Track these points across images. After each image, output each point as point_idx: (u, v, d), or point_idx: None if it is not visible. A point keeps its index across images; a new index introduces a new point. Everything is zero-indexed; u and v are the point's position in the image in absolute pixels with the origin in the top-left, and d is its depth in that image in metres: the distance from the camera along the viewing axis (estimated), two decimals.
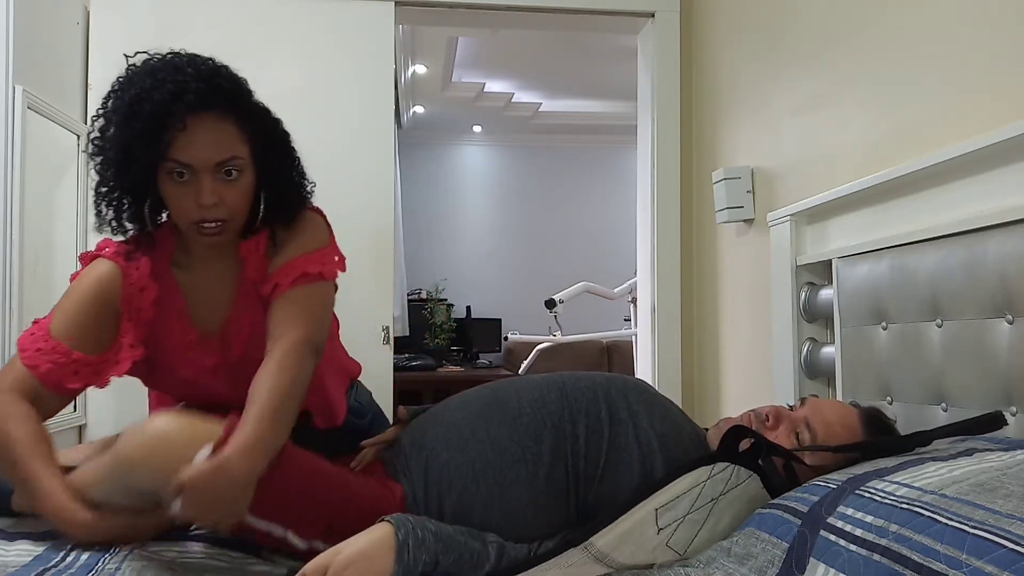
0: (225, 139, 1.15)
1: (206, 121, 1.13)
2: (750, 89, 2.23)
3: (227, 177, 1.16)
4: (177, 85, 1.11)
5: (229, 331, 1.26)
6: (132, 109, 1.11)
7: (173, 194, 1.16)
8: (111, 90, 1.18)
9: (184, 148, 1.12)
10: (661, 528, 1.02)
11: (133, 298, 1.22)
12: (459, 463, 1.14)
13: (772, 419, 1.19)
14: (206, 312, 1.26)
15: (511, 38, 4.23)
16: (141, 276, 1.22)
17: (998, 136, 1.19)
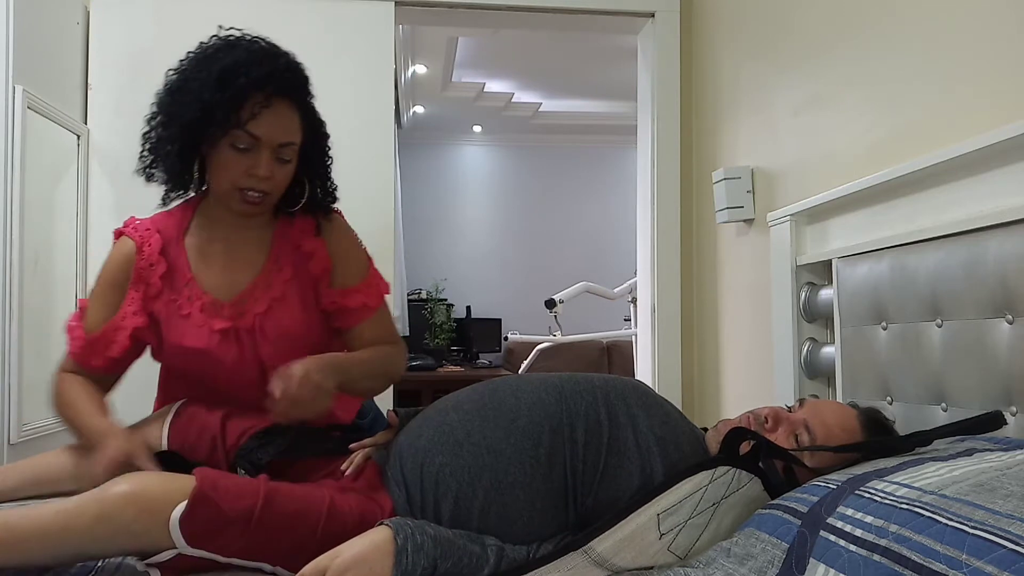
0: (291, 125, 1.29)
1: (282, 106, 1.27)
2: (750, 89, 2.23)
3: (282, 158, 1.29)
4: (272, 67, 1.26)
5: (246, 299, 1.34)
6: (225, 76, 1.23)
7: (227, 159, 1.26)
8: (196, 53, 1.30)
9: (260, 123, 1.24)
10: (663, 534, 1.02)
11: (144, 272, 1.34)
12: (454, 467, 1.13)
13: (771, 421, 1.19)
14: (220, 280, 1.35)
15: (511, 38, 4.23)
16: (152, 252, 1.34)
17: (998, 136, 1.19)
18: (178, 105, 1.26)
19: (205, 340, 1.31)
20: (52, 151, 2.24)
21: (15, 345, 1.96)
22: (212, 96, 1.22)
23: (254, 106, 1.23)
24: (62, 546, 1.00)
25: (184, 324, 1.31)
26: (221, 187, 1.29)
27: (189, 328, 1.31)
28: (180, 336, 1.31)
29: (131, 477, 1.02)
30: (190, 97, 1.24)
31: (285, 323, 1.33)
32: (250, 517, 1.02)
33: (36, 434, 2.08)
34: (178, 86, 1.28)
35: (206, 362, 1.32)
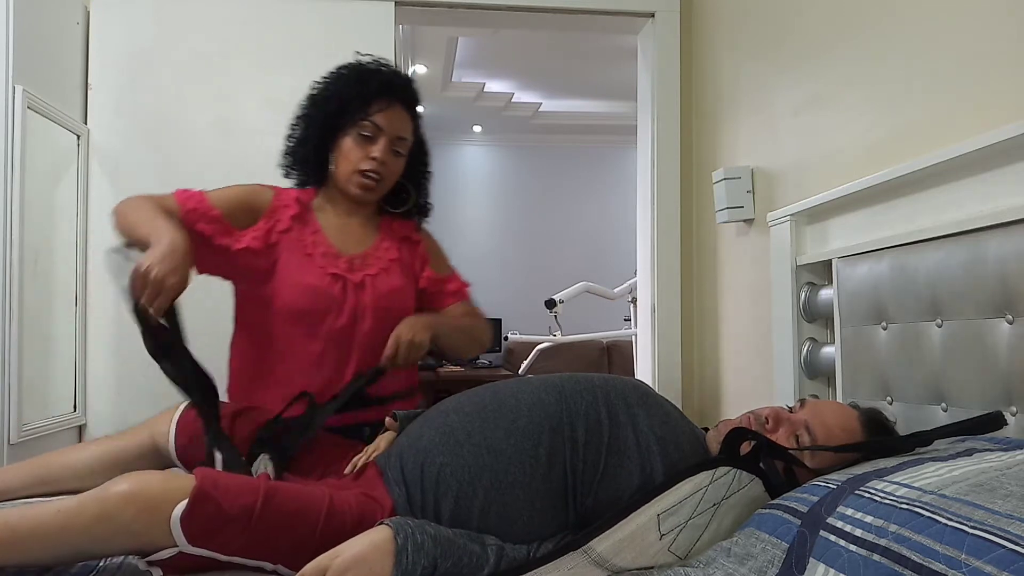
0: (406, 125, 1.58)
1: (400, 107, 1.57)
2: (750, 89, 2.23)
3: (396, 151, 1.57)
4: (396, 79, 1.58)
5: (359, 261, 1.57)
6: (361, 78, 1.55)
7: (353, 147, 1.54)
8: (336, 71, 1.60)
9: (383, 116, 1.54)
10: (663, 534, 1.02)
11: (277, 210, 1.56)
12: (455, 467, 1.14)
13: (772, 421, 1.19)
14: (341, 242, 1.58)
15: (511, 38, 4.23)
16: (288, 198, 1.59)
17: (998, 136, 1.19)
18: (320, 104, 1.57)
19: (318, 278, 1.50)
20: (52, 151, 2.24)
21: (15, 345, 1.96)
22: (349, 91, 1.54)
23: (380, 103, 1.53)
24: (62, 545, 1.00)
25: (306, 262, 1.52)
26: (345, 170, 1.55)
27: (310, 266, 1.51)
28: (300, 271, 1.51)
29: (131, 476, 1.02)
30: (331, 95, 1.56)
31: (388, 287, 1.57)
32: (250, 515, 1.02)
33: (36, 434, 2.08)
34: (323, 91, 1.58)
35: (313, 299, 1.49)
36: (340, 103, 1.54)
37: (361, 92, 1.53)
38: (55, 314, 2.27)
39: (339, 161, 1.56)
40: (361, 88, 1.53)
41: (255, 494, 1.04)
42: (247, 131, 2.52)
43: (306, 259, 1.52)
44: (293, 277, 1.50)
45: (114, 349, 2.42)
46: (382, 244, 1.62)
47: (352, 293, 1.52)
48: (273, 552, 1.06)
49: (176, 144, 2.48)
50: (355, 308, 1.51)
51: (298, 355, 1.50)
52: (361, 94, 1.53)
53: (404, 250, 1.65)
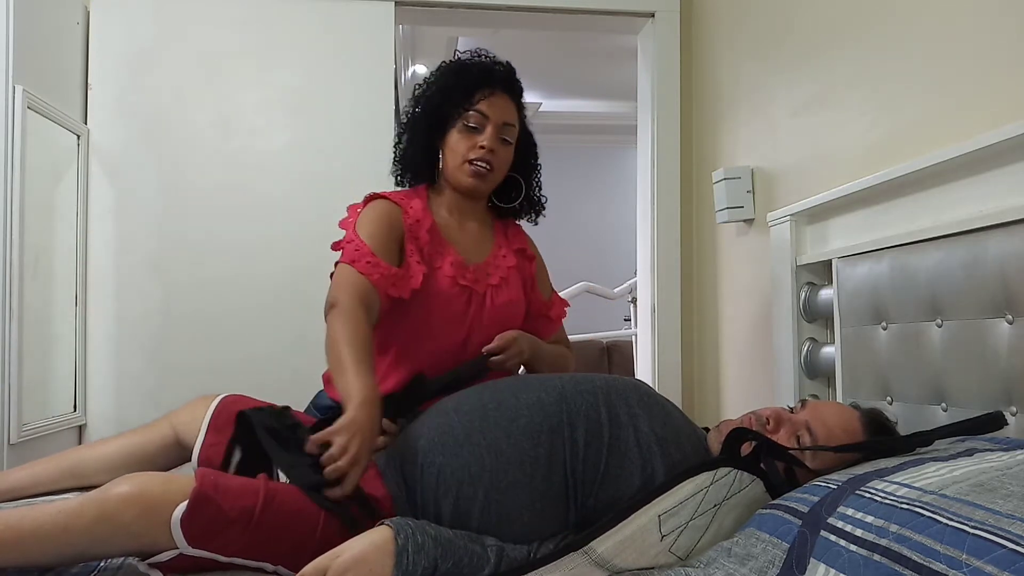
0: (512, 111, 1.56)
1: (504, 96, 1.55)
2: (750, 89, 2.23)
3: (504, 138, 1.54)
4: (496, 67, 1.56)
5: (482, 270, 1.56)
6: (460, 69, 1.54)
7: (460, 139, 1.52)
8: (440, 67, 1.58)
9: (487, 104, 1.52)
10: (664, 535, 1.02)
11: (413, 227, 1.52)
12: (455, 468, 1.13)
13: (772, 422, 1.18)
14: (465, 251, 1.57)
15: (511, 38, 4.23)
16: (417, 210, 1.54)
17: (998, 136, 1.19)
18: (423, 102, 1.56)
19: (449, 287, 1.50)
20: (52, 151, 2.24)
21: (15, 345, 1.96)
22: (451, 82, 1.53)
23: (483, 91, 1.52)
24: (63, 546, 1.00)
25: (436, 273, 1.50)
26: (455, 163, 1.54)
27: (440, 277, 1.50)
28: (434, 283, 1.49)
29: (131, 478, 1.02)
30: (433, 91, 1.55)
31: (507, 299, 1.57)
32: (250, 517, 1.02)
33: (36, 434, 2.08)
34: (424, 90, 1.57)
35: (441, 308, 1.49)
36: (442, 97, 1.53)
37: (462, 83, 1.52)
38: (55, 314, 2.27)
39: (448, 155, 1.55)
40: (462, 79, 1.53)
41: (255, 496, 1.04)
42: (247, 131, 2.52)
43: (436, 271, 1.50)
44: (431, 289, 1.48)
45: (114, 349, 2.42)
46: (500, 252, 1.61)
47: (475, 305, 1.52)
48: (273, 553, 1.06)
49: (176, 144, 2.48)
50: (473, 322, 1.51)
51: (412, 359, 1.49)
52: (462, 85, 1.52)
53: (519, 259, 1.65)
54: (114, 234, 2.44)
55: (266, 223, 2.48)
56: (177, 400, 1.45)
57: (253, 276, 2.45)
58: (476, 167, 1.52)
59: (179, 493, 1.00)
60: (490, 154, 1.51)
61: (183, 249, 2.46)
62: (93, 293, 2.42)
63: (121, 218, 2.44)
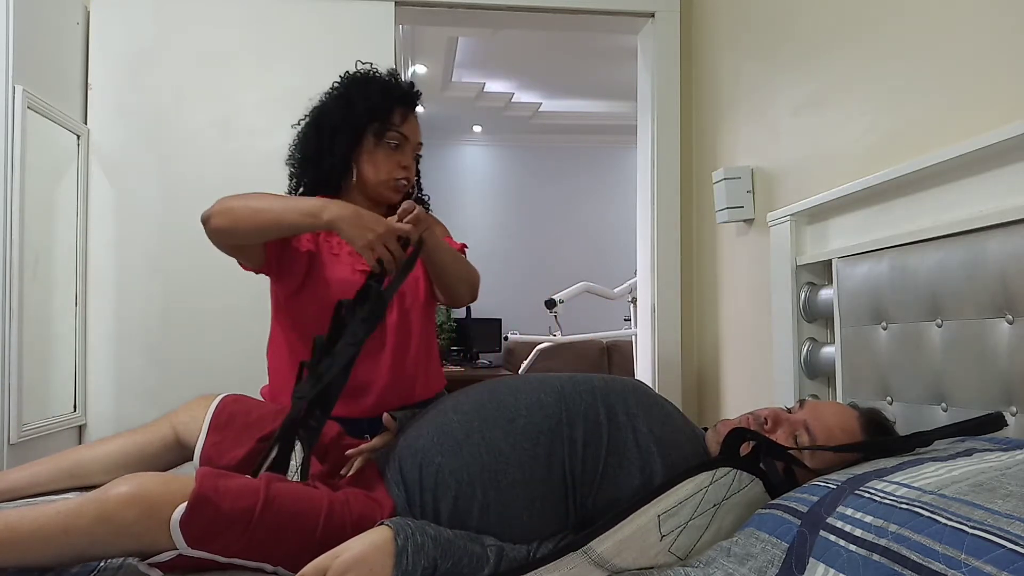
0: (420, 130, 1.67)
1: (415, 117, 1.66)
2: (750, 89, 2.23)
3: (417, 155, 1.68)
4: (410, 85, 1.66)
5: None
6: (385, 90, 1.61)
7: (383, 157, 1.62)
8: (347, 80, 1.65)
9: (408, 126, 1.63)
10: (664, 535, 1.02)
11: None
12: (454, 467, 1.13)
13: (771, 422, 1.18)
14: None
15: (511, 38, 4.23)
16: None
17: (998, 136, 1.19)
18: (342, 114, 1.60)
19: (349, 273, 1.57)
20: (52, 151, 2.24)
21: (15, 345, 1.96)
22: (376, 104, 1.59)
23: (403, 113, 1.62)
24: (62, 547, 1.00)
25: (335, 261, 1.60)
26: (377, 179, 1.62)
27: (339, 264, 1.59)
28: (331, 269, 1.58)
29: (131, 478, 1.02)
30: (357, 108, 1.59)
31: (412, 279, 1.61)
32: (250, 518, 1.02)
33: (36, 434, 2.08)
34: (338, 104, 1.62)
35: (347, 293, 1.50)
36: (367, 114, 1.59)
37: (385, 102, 1.60)
38: (55, 314, 2.27)
39: (366, 169, 1.62)
40: (385, 98, 1.60)
41: (255, 497, 1.04)
42: (247, 131, 2.52)
43: (334, 259, 1.59)
44: (326, 274, 1.57)
45: (114, 349, 2.42)
46: None
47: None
48: (273, 554, 1.06)
49: (176, 144, 2.48)
50: None
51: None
52: (385, 104, 1.60)
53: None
54: (114, 234, 2.44)
55: None
56: (177, 400, 1.45)
57: (253, 276, 2.45)
58: (399, 184, 1.63)
59: (179, 494, 1.00)
60: (409, 172, 1.65)
61: (183, 249, 2.46)
62: (93, 293, 2.42)
63: (121, 218, 2.44)
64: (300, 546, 1.05)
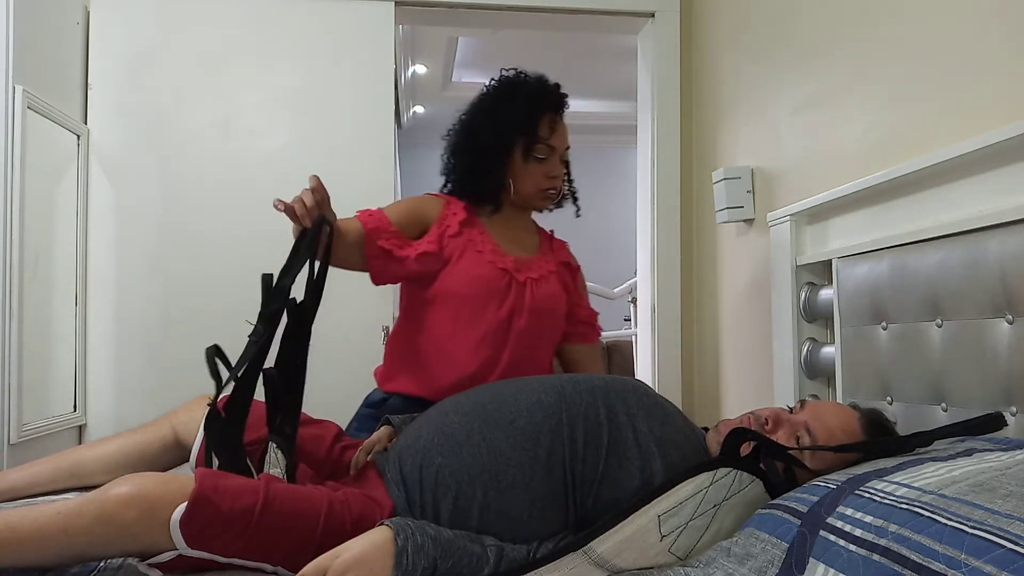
0: (567, 135, 1.69)
1: (562, 121, 1.68)
2: (750, 89, 2.23)
3: (564, 160, 1.70)
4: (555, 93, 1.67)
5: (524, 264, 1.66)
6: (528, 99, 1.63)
7: (532, 169, 1.65)
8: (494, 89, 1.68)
9: (555, 136, 1.65)
10: (664, 535, 1.02)
11: (446, 218, 1.64)
12: (454, 468, 1.13)
13: (772, 423, 1.18)
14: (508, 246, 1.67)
15: (511, 38, 4.23)
16: (457, 207, 1.67)
17: (998, 136, 1.19)
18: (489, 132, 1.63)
19: (488, 269, 1.60)
20: (52, 151, 2.24)
21: (15, 345, 1.96)
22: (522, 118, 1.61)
23: (550, 123, 1.63)
24: (62, 547, 1.00)
25: (477, 256, 1.61)
26: (527, 191, 1.67)
27: (480, 260, 1.61)
28: (471, 263, 1.60)
29: (131, 478, 1.02)
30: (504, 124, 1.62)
31: (549, 291, 1.66)
32: (250, 518, 1.02)
33: (36, 434, 2.08)
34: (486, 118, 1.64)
35: (482, 286, 1.59)
36: (515, 131, 1.62)
37: (532, 117, 1.62)
38: (55, 314, 2.27)
39: (518, 182, 1.66)
40: (531, 112, 1.62)
41: (254, 496, 1.04)
42: (247, 131, 2.52)
43: (477, 255, 1.62)
44: (464, 267, 1.60)
45: (114, 349, 2.42)
46: (544, 256, 1.73)
47: (515, 290, 1.61)
48: (273, 554, 1.06)
49: (176, 144, 2.48)
50: (515, 305, 1.60)
51: (459, 340, 1.58)
52: (532, 119, 1.62)
53: (561, 265, 1.77)
54: (114, 234, 2.44)
55: (266, 223, 2.46)
56: (177, 400, 1.45)
57: (254, 276, 2.43)
58: (548, 194, 1.68)
59: (178, 494, 1.00)
60: (557, 181, 1.68)
61: (183, 249, 2.46)
62: (93, 293, 2.42)
63: (121, 218, 2.44)
64: (300, 546, 1.05)
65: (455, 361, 1.57)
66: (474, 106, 1.69)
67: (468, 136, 1.67)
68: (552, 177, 1.66)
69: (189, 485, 1.01)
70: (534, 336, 1.62)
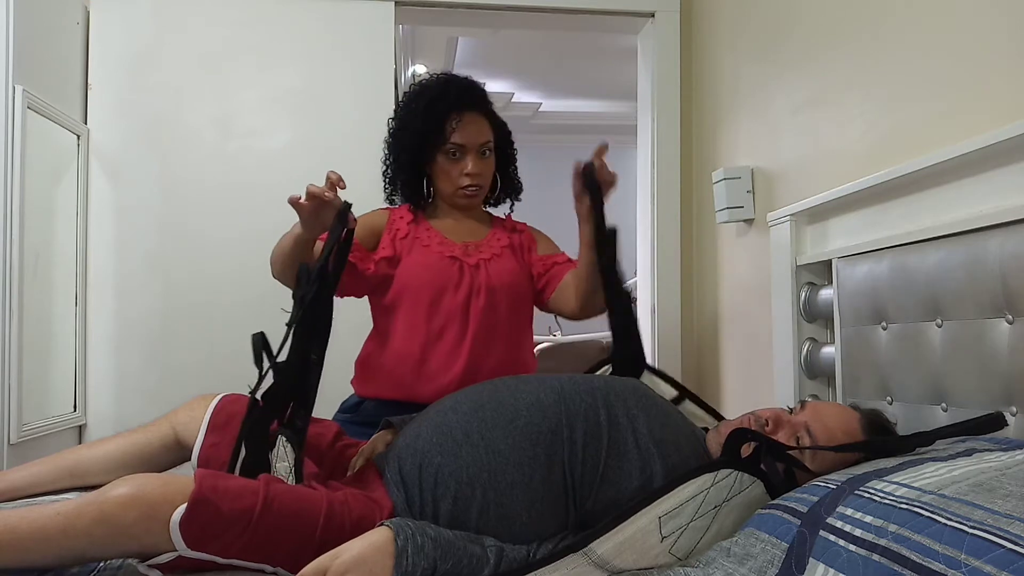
0: (485, 128, 1.67)
1: (474, 114, 1.65)
2: (750, 89, 2.23)
3: (483, 154, 1.67)
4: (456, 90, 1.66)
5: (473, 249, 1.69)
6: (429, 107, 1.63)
7: (446, 168, 1.66)
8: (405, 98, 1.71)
9: (461, 134, 1.63)
10: (665, 536, 1.02)
11: (394, 223, 1.71)
12: (453, 468, 1.13)
13: (772, 423, 1.18)
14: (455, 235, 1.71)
15: (511, 38, 4.23)
16: (402, 211, 1.74)
17: (998, 136, 1.19)
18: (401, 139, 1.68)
19: (436, 260, 1.65)
20: (52, 151, 2.24)
21: (15, 345, 1.96)
22: (423, 123, 1.62)
23: (453, 120, 1.62)
24: (62, 548, 1.00)
25: (424, 250, 1.66)
26: (446, 190, 1.69)
27: (428, 253, 1.66)
28: (420, 258, 1.65)
29: (130, 479, 1.02)
30: (410, 131, 1.65)
31: (503, 267, 1.69)
32: (250, 519, 1.02)
33: (36, 434, 2.08)
34: (400, 127, 1.69)
35: (432, 275, 1.63)
36: (418, 133, 1.63)
37: (433, 123, 1.62)
38: (55, 314, 2.27)
39: (438, 181, 1.69)
40: (432, 112, 1.62)
41: (254, 497, 1.04)
42: (247, 131, 2.52)
43: (424, 248, 1.66)
44: (414, 260, 1.65)
45: (114, 349, 2.42)
46: (494, 236, 1.75)
47: (468, 273, 1.65)
48: (273, 555, 1.05)
49: (176, 144, 2.48)
50: (471, 285, 1.64)
51: (421, 332, 1.61)
52: (434, 125, 1.62)
53: (514, 238, 1.78)
54: (114, 234, 2.44)
55: (266, 223, 2.46)
56: (177, 400, 1.45)
57: (253, 276, 2.44)
58: (466, 191, 1.67)
59: (178, 495, 1.00)
60: (476, 177, 1.66)
61: (183, 249, 2.46)
62: (93, 293, 2.42)
63: (121, 218, 2.44)
64: (299, 547, 1.05)
65: (421, 355, 1.60)
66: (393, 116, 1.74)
67: (389, 142, 1.72)
68: (469, 174, 1.65)
69: (189, 486, 1.01)
70: (495, 312, 1.64)
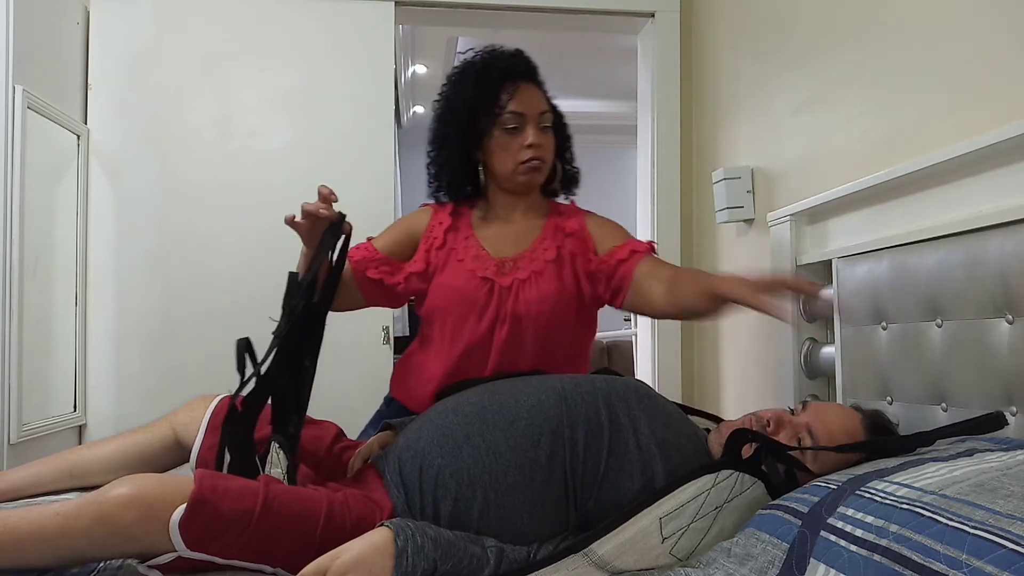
0: (541, 98, 1.53)
1: (528, 85, 1.51)
2: (750, 89, 2.23)
3: (544, 126, 1.51)
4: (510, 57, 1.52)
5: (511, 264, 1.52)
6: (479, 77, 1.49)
7: (504, 143, 1.50)
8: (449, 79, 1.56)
9: (518, 101, 1.48)
10: (666, 537, 1.02)
11: (432, 230, 1.57)
12: (453, 469, 1.13)
13: (773, 424, 1.18)
14: (495, 244, 1.55)
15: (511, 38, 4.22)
16: (442, 214, 1.58)
17: (998, 136, 1.19)
18: (450, 118, 1.52)
19: (465, 280, 1.50)
20: (52, 151, 2.24)
21: (15, 345, 1.96)
22: (475, 94, 1.48)
23: (508, 90, 1.48)
24: (61, 548, 1.00)
25: (457, 267, 1.52)
26: (506, 168, 1.51)
27: (459, 270, 1.52)
28: (450, 278, 1.52)
29: (130, 479, 1.02)
30: (460, 106, 1.50)
31: (535, 294, 1.50)
32: (249, 519, 1.02)
33: (36, 434, 2.08)
34: (446, 106, 1.54)
35: (455, 301, 1.50)
36: (469, 109, 1.49)
37: (485, 91, 1.48)
38: (55, 314, 2.27)
39: (495, 163, 1.52)
40: (482, 84, 1.48)
41: (254, 498, 1.03)
42: (247, 131, 2.52)
43: (457, 265, 1.52)
44: (443, 281, 1.52)
45: (114, 349, 2.42)
46: (541, 246, 1.55)
47: (497, 296, 1.49)
48: (273, 555, 1.05)
49: (176, 144, 2.48)
50: (496, 315, 1.48)
51: (444, 356, 1.51)
52: (487, 93, 1.48)
53: (566, 245, 1.57)
54: (114, 234, 2.44)
55: (266, 223, 2.47)
56: (177, 400, 1.45)
57: (253, 276, 2.45)
58: (530, 164, 1.49)
59: (178, 495, 1.00)
60: (539, 149, 1.50)
61: (183, 249, 2.46)
62: (93, 293, 2.42)
63: (121, 218, 2.44)
64: (299, 547, 1.05)
65: (434, 378, 1.50)
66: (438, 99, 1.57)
67: (437, 128, 1.55)
68: (531, 145, 1.48)
69: (188, 486, 1.01)
70: (519, 343, 1.47)
